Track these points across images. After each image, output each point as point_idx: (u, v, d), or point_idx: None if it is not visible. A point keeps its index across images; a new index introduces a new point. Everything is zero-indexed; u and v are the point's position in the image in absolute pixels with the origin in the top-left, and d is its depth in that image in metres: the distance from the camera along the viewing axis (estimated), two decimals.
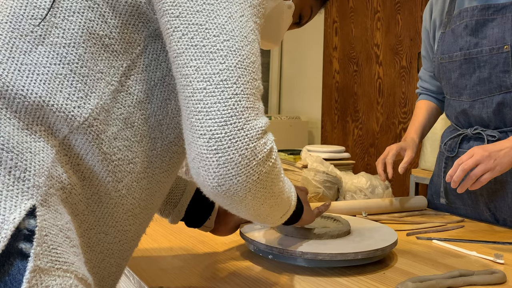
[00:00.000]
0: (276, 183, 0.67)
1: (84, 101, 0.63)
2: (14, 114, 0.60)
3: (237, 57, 0.62)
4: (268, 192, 0.66)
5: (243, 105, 0.61)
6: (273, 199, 0.68)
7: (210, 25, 0.62)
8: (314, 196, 1.49)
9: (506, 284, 0.88)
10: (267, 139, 0.63)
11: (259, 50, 0.66)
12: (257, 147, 0.61)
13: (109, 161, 0.65)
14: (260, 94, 0.64)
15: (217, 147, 0.59)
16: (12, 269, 0.53)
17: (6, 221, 0.54)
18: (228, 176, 0.60)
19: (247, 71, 0.62)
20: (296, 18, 0.96)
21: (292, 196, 0.78)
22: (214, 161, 0.60)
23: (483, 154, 1.14)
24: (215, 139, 0.59)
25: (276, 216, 0.75)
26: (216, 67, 0.61)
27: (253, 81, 0.63)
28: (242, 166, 0.60)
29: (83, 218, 0.65)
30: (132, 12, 0.66)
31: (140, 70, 0.68)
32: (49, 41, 0.63)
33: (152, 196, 0.73)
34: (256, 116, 0.62)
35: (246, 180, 0.61)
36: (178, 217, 0.98)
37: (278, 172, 0.67)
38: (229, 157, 0.60)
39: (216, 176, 0.60)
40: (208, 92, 0.60)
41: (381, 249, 0.93)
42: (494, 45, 1.26)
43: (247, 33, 0.64)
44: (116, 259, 0.72)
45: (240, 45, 0.62)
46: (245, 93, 0.61)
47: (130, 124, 0.67)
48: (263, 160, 0.62)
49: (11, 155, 0.58)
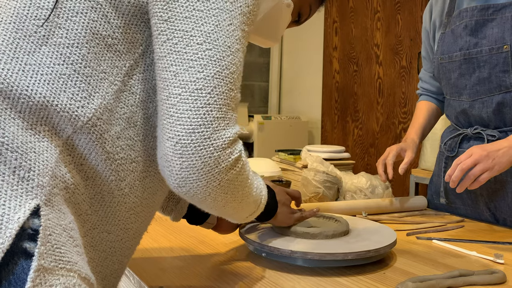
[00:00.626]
0: (240, 189, 0.70)
1: (87, 101, 0.64)
2: (18, 114, 0.60)
3: (216, 67, 0.63)
4: (229, 197, 0.69)
5: (213, 115, 0.63)
6: (235, 203, 0.71)
7: (195, 32, 0.63)
8: (314, 196, 1.49)
9: (506, 284, 0.89)
10: (233, 149, 0.66)
11: (242, 59, 0.67)
12: (221, 156, 0.64)
13: (112, 160, 0.66)
14: (235, 104, 0.66)
15: (182, 152, 0.62)
16: (17, 268, 0.54)
17: (11, 221, 0.54)
18: (189, 179, 0.63)
19: (224, 82, 0.64)
20: (295, 16, 0.97)
21: (261, 199, 0.80)
22: (177, 164, 0.63)
23: (481, 154, 1.14)
24: (181, 144, 0.62)
25: (241, 216, 0.78)
26: (193, 75, 0.63)
27: (229, 91, 0.65)
28: (203, 172, 0.63)
29: (86, 217, 0.66)
30: (134, 12, 0.67)
31: (142, 70, 0.69)
32: (52, 42, 0.63)
33: (154, 195, 0.74)
34: (226, 126, 0.64)
35: (206, 185, 0.64)
36: (180, 214, 0.98)
37: (244, 179, 0.70)
38: (192, 162, 0.62)
39: (177, 178, 0.64)
40: (182, 99, 0.62)
41: (373, 251, 0.93)
42: (494, 45, 1.26)
43: (231, 42, 0.65)
44: (118, 257, 0.73)
45: (221, 55, 0.64)
46: (218, 104, 0.63)
47: (133, 124, 0.68)
48: (226, 169, 0.65)
49: (16, 155, 0.58)
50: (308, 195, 1.49)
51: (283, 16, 0.93)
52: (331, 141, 3.68)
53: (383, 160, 1.41)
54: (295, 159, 1.87)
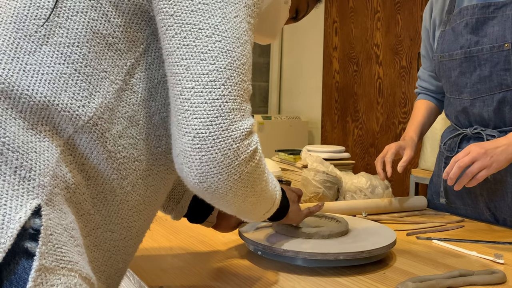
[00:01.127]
0: (258, 182, 0.69)
1: (88, 100, 0.64)
2: (19, 114, 0.60)
3: (227, 58, 0.63)
4: (249, 191, 0.68)
5: (229, 106, 0.62)
6: (254, 197, 0.70)
7: (203, 25, 0.63)
8: (314, 196, 1.49)
9: (506, 284, 0.89)
10: (251, 140, 0.65)
11: (251, 51, 0.67)
12: (240, 148, 0.63)
13: (114, 159, 0.66)
14: (248, 96, 0.66)
15: (200, 146, 0.61)
16: (18, 268, 0.54)
17: (12, 220, 0.55)
18: (210, 174, 0.62)
19: (236, 73, 0.63)
20: (293, 13, 0.97)
21: (276, 195, 0.79)
22: (197, 159, 0.62)
23: (479, 152, 1.14)
24: (199, 138, 0.61)
25: (258, 213, 0.77)
26: (206, 68, 0.62)
27: (242, 82, 0.64)
28: (224, 166, 0.62)
29: (89, 217, 0.66)
30: (135, 10, 0.67)
31: (144, 69, 0.69)
32: (53, 41, 0.63)
33: (157, 193, 0.74)
34: (242, 118, 0.64)
35: (227, 178, 0.63)
36: (181, 213, 0.98)
37: (261, 172, 0.69)
38: (211, 156, 0.62)
39: (198, 173, 0.63)
40: (196, 92, 0.62)
41: (366, 252, 0.92)
42: (495, 43, 1.27)
43: (239, 34, 0.65)
44: (122, 256, 0.73)
45: (231, 46, 0.64)
46: (233, 95, 0.63)
47: (135, 122, 0.68)
48: (246, 161, 0.64)
49: (17, 154, 0.58)
50: (308, 195, 1.49)
51: (281, 13, 0.94)
52: (331, 141, 3.68)
53: (382, 158, 1.41)
54: (295, 159, 1.87)
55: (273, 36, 0.97)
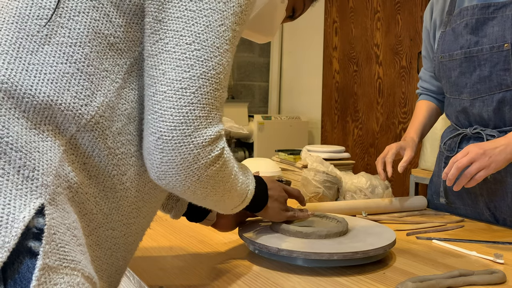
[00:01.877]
0: (221, 184, 0.72)
1: (91, 99, 0.65)
2: (22, 114, 0.61)
3: (202, 67, 0.65)
4: (209, 191, 0.71)
5: (196, 114, 0.65)
6: (216, 196, 0.73)
7: (185, 32, 0.65)
8: (314, 196, 1.49)
9: (506, 284, 0.89)
10: (214, 146, 0.67)
11: (230, 59, 0.69)
12: (201, 153, 0.66)
13: (114, 155, 0.67)
14: (220, 103, 0.68)
15: (163, 147, 0.64)
16: (22, 267, 0.54)
17: (16, 220, 0.55)
18: (168, 173, 0.66)
19: (209, 82, 0.65)
20: (290, 11, 0.98)
21: (248, 193, 0.82)
22: (158, 158, 0.65)
23: (477, 152, 1.14)
24: (162, 139, 0.64)
25: (224, 208, 0.80)
26: (180, 75, 0.64)
27: (214, 91, 0.66)
28: (182, 168, 0.66)
29: (91, 217, 0.66)
30: (135, 11, 0.68)
31: (141, 67, 0.70)
32: (55, 41, 0.64)
33: (155, 190, 0.75)
34: (208, 125, 0.66)
35: (184, 179, 0.67)
36: (180, 212, 0.98)
37: (226, 175, 0.72)
38: (171, 157, 0.65)
39: (158, 171, 0.66)
40: (166, 96, 0.64)
41: (361, 252, 0.92)
42: (495, 43, 1.27)
43: (220, 43, 0.66)
44: (122, 253, 0.74)
45: (209, 56, 0.66)
46: (201, 103, 0.65)
47: (133, 119, 0.69)
48: (206, 165, 0.67)
49: (20, 154, 0.58)
50: (308, 195, 1.50)
51: (278, 12, 0.94)
52: (331, 141, 3.68)
53: (382, 159, 1.41)
54: (295, 159, 1.87)
55: (270, 34, 0.97)
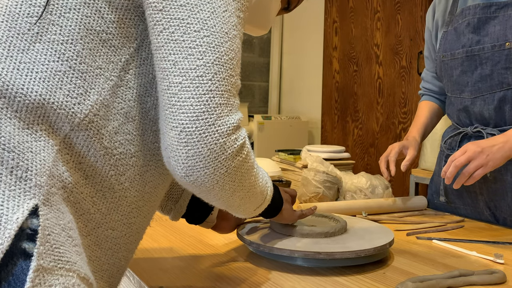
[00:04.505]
0: (246, 177, 0.69)
1: (84, 98, 0.64)
2: (14, 114, 0.60)
3: (215, 53, 0.63)
4: (237, 185, 0.68)
5: (216, 101, 0.62)
6: (243, 192, 0.70)
7: (191, 19, 0.63)
8: (314, 196, 1.49)
9: (506, 284, 0.89)
10: (238, 135, 0.65)
11: (239, 45, 0.67)
12: (227, 142, 0.63)
13: (111, 155, 0.66)
14: (236, 90, 0.66)
15: (187, 140, 0.62)
16: (16, 269, 0.54)
17: (10, 221, 0.54)
18: (196, 168, 0.63)
19: (224, 68, 0.64)
20: (285, 3, 0.97)
21: (268, 191, 0.79)
22: (183, 153, 0.62)
23: (475, 150, 1.15)
24: (185, 132, 0.62)
25: (248, 208, 0.77)
26: (193, 63, 0.62)
27: (230, 77, 0.64)
28: (210, 160, 0.63)
29: (89, 216, 0.66)
30: (128, 6, 0.67)
31: (138, 64, 0.69)
32: (46, 39, 0.63)
33: (156, 189, 0.74)
34: (229, 113, 0.64)
35: (213, 172, 0.64)
36: (179, 213, 0.97)
37: (250, 167, 0.69)
38: (197, 150, 0.62)
39: (184, 167, 0.63)
40: (183, 87, 0.62)
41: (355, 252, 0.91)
42: (496, 42, 1.28)
43: (228, 29, 0.65)
44: (123, 253, 0.73)
45: (219, 41, 0.64)
46: (220, 90, 0.63)
47: (131, 118, 0.68)
48: (232, 155, 0.64)
49: (13, 155, 0.58)
50: (308, 195, 1.49)
51: (273, 4, 0.93)
52: (331, 141, 3.68)
53: (386, 158, 1.41)
54: (295, 159, 1.87)
55: (265, 27, 0.97)
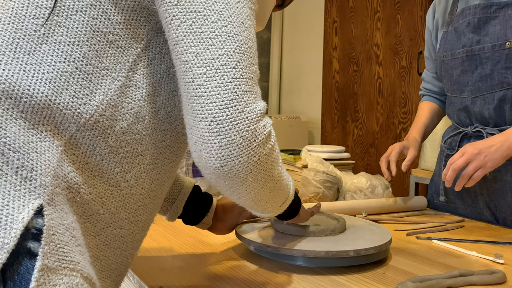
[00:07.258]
0: (275, 166, 0.69)
1: (89, 98, 0.64)
2: (20, 114, 0.60)
3: (235, 42, 0.63)
4: (268, 175, 0.68)
5: (242, 88, 0.63)
6: (272, 183, 0.70)
7: (208, 11, 0.63)
8: (314, 196, 1.49)
9: (506, 284, 0.89)
10: (266, 122, 0.66)
11: (255, 35, 0.68)
12: (257, 129, 0.63)
13: (116, 153, 0.66)
14: (257, 79, 0.66)
15: (218, 129, 0.61)
16: (21, 268, 0.54)
17: (15, 221, 0.55)
18: (230, 157, 0.62)
19: (245, 56, 0.64)
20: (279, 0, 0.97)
21: (290, 185, 0.80)
22: (216, 143, 0.62)
23: (473, 152, 1.16)
24: (216, 121, 0.61)
25: (275, 203, 0.77)
26: (215, 52, 0.62)
27: (251, 65, 0.65)
28: (243, 147, 0.63)
29: (98, 217, 0.66)
30: (134, 7, 0.67)
31: (146, 64, 0.69)
32: (53, 40, 0.63)
33: (161, 186, 0.74)
34: (255, 100, 0.64)
35: (247, 160, 0.63)
36: (175, 214, 0.98)
37: (277, 156, 0.70)
38: (230, 138, 0.62)
39: (218, 157, 0.62)
40: (208, 77, 0.62)
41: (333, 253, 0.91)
42: (496, 42, 1.28)
43: (243, 19, 0.65)
44: (130, 251, 0.74)
45: (238, 30, 0.64)
46: (244, 77, 0.63)
47: (141, 118, 0.68)
48: (263, 142, 0.65)
49: (18, 155, 0.58)
50: (308, 195, 1.50)
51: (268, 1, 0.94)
52: (331, 141, 3.68)
53: (386, 158, 1.42)
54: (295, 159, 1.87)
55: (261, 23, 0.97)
